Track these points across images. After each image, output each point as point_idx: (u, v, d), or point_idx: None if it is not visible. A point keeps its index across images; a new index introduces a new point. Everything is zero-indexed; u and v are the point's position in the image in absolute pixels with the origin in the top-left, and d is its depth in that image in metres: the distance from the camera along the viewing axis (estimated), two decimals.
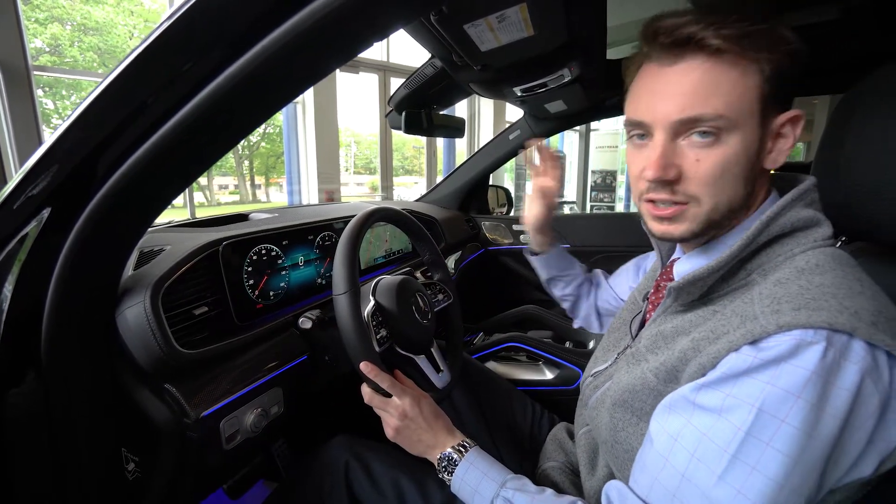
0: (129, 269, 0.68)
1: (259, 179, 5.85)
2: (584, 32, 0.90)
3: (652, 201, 0.51)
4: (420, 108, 1.20)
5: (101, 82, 0.45)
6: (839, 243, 0.69)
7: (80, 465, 0.59)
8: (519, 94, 1.18)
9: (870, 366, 0.38)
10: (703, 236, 0.52)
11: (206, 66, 0.42)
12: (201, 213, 0.85)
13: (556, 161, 0.92)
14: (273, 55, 0.40)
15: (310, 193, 3.69)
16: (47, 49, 4.70)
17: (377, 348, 0.73)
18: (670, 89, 0.46)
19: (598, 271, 0.99)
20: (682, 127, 0.47)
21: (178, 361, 0.63)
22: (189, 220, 1.01)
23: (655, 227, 0.52)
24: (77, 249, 0.51)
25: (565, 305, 0.99)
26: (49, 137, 0.50)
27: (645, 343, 0.55)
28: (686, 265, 0.56)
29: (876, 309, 0.39)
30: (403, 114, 1.16)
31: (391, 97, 1.17)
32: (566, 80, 1.11)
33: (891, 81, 0.49)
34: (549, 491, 0.56)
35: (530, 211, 0.91)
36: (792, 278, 0.43)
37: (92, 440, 0.60)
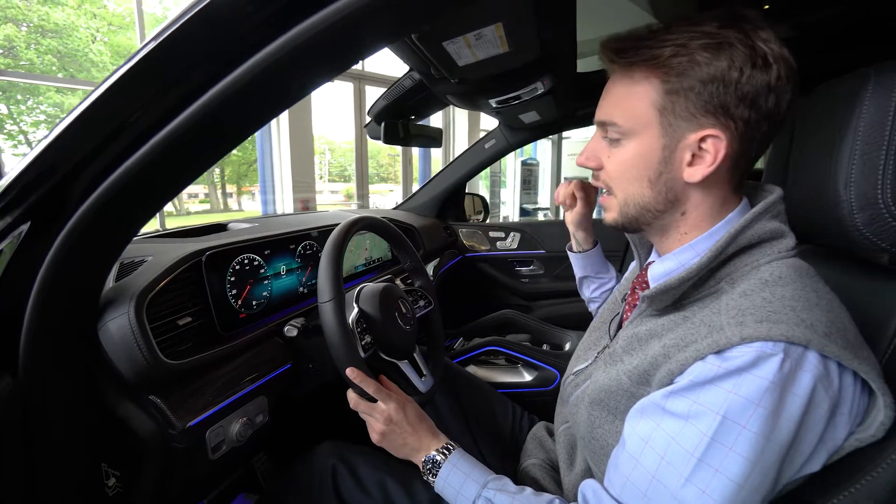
0: (109, 281, 0.68)
1: (230, 188, 5.72)
2: (556, 47, 0.94)
3: None
4: (398, 119, 1.23)
5: (85, 99, 0.45)
6: None
7: (56, 479, 0.58)
8: (494, 105, 1.23)
9: (822, 374, 0.42)
10: (641, 231, 0.58)
11: (193, 83, 0.43)
12: (171, 223, 0.84)
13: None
14: (259, 74, 0.41)
15: (284, 202, 3.65)
16: (0, 51, 4.49)
17: (362, 354, 0.75)
18: (602, 96, 0.55)
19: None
20: (601, 128, 0.56)
21: (164, 372, 0.63)
22: (167, 230, 1.00)
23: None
24: (58, 263, 0.50)
25: (591, 307, 1.01)
26: (29, 154, 0.49)
27: (621, 344, 0.58)
28: (659, 268, 0.59)
29: (829, 321, 0.43)
30: (383, 124, 1.18)
31: (371, 108, 1.19)
32: (539, 92, 1.16)
33: (828, 98, 0.55)
34: (529, 490, 0.58)
35: (573, 209, 0.91)
36: (756, 290, 0.46)
37: (69, 454, 0.59)
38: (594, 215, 0.93)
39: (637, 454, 0.47)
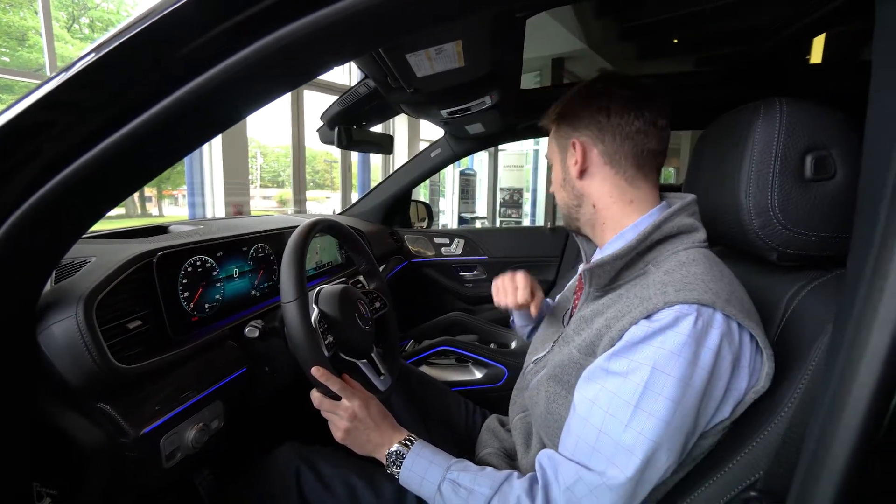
0: (48, 283, 0.63)
1: (150, 191, 5.25)
2: (505, 65, 1.02)
3: None
4: (351, 125, 1.24)
5: (24, 98, 0.44)
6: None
7: None
8: (445, 116, 1.28)
9: (726, 331, 0.52)
10: (575, 228, 0.74)
11: (146, 89, 0.43)
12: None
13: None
14: (220, 85, 0.43)
15: (215, 206, 3.44)
16: None
17: (326, 353, 0.76)
18: None
19: (548, 300, 1.07)
20: None
21: (115, 377, 0.60)
22: (104, 231, 0.93)
23: None
24: None
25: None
26: None
27: (572, 327, 0.67)
28: (599, 256, 0.69)
29: (730, 292, 0.54)
30: (336, 129, 1.19)
31: (324, 113, 1.19)
32: (487, 105, 1.24)
33: (731, 124, 0.66)
34: (490, 468, 0.63)
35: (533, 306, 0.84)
36: (676, 269, 0.56)
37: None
38: (526, 222, 1.01)
39: (586, 414, 0.55)
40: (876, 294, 0.37)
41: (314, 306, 0.83)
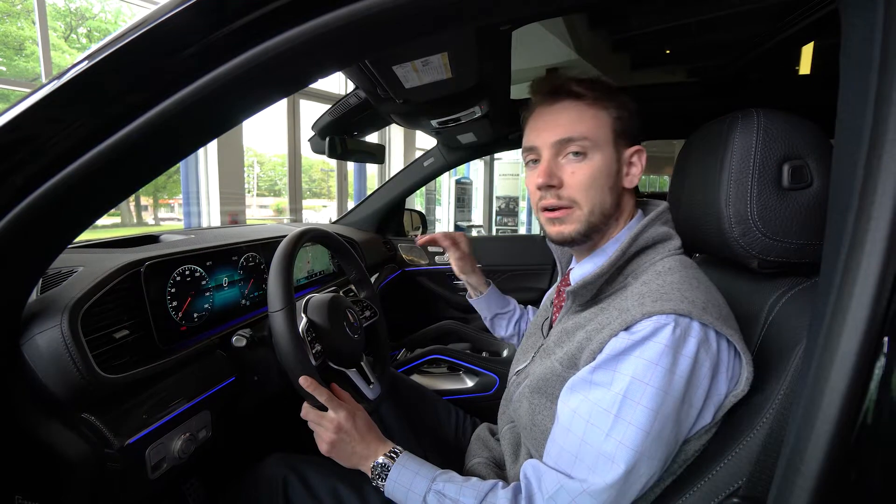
0: (33, 294, 0.63)
1: (146, 200, 5.23)
2: (493, 76, 1.04)
3: (546, 209, 0.65)
4: (342, 134, 1.26)
5: (21, 101, 0.44)
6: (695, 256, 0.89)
7: None
8: (436, 125, 1.30)
9: (702, 339, 0.52)
10: (588, 240, 0.66)
11: (140, 96, 0.44)
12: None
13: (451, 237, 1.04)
14: (207, 95, 0.44)
15: (210, 215, 3.44)
16: None
17: (314, 363, 0.76)
18: (551, 121, 0.64)
19: (531, 307, 1.11)
20: (560, 147, 0.63)
21: (100, 388, 0.60)
22: (93, 240, 0.93)
23: (551, 230, 0.67)
24: None
25: (513, 342, 1.09)
26: None
27: (553, 339, 0.67)
28: (579, 271, 0.70)
29: (706, 299, 0.55)
30: (327, 139, 1.20)
31: (315, 123, 1.21)
32: (477, 115, 1.25)
33: (712, 134, 0.67)
34: (475, 479, 0.63)
35: (453, 262, 1.04)
36: (653, 279, 0.57)
37: None
38: (522, 230, 1.03)
39: (568, 424, 0.55)
40: (845, 301, 0.38)
41: (303, 315, 0.83)
